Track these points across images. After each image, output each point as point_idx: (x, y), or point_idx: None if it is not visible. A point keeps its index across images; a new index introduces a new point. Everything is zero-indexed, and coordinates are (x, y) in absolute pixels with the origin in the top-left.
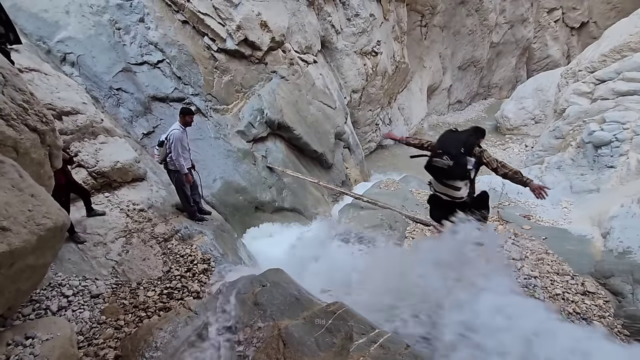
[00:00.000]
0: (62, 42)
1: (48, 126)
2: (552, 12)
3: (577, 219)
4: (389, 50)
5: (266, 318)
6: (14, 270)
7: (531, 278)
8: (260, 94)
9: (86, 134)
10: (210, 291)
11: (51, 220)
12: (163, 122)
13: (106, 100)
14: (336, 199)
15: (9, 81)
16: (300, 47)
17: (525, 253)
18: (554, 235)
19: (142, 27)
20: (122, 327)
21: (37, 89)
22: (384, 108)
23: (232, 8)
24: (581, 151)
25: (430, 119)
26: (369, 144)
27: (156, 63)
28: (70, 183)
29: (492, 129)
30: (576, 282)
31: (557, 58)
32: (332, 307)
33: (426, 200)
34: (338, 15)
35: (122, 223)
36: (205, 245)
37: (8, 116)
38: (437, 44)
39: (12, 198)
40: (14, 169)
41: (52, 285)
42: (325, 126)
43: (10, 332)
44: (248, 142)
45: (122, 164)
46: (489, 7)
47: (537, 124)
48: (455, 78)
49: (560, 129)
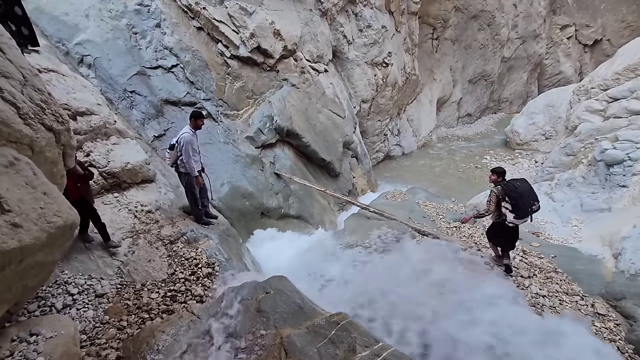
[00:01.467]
0: (80, 44)
1: (63, 126)
2: (565, 29)
3: (587, 238)
4: (399, 61)
5: (269, 325)
6: (23, 266)
7: (539, 297)
8: (271, 100)
9: (99, 134)
10: (214, 296)
11: (61, 218)
12: (174, 125)
13: (120, 102)
14: (342, 208)
15: (28, 81)
16: (312, 56)
17: (534, 271)
18: (563, 253)
19: (158, 32)
20: (124, 328)
21: (55, 89)
22: (392, 119)
23: (247, 16)
24: (593, 169)
25: (439, 131)
26: (377, 154)
27: (170, 67)
28: (84, 203)
29: (502, 144)
30: (586, 302)
31: (569, 75)
32: (336, 317)
33: (492, 231)
34: (350, 26)
35: (129, 224)
36: (211, 249)
37: (26, 115)
38: (448, 57)
39: (25, 195)
40: (29, 166)
41: (58, 283)
42: (334, 135)
43: (15, 328)
44: (257, 148)
45: (133, 165)
46: (501, 22)
47: (548, 140)
48: (466, 91)
49: (572, 146)
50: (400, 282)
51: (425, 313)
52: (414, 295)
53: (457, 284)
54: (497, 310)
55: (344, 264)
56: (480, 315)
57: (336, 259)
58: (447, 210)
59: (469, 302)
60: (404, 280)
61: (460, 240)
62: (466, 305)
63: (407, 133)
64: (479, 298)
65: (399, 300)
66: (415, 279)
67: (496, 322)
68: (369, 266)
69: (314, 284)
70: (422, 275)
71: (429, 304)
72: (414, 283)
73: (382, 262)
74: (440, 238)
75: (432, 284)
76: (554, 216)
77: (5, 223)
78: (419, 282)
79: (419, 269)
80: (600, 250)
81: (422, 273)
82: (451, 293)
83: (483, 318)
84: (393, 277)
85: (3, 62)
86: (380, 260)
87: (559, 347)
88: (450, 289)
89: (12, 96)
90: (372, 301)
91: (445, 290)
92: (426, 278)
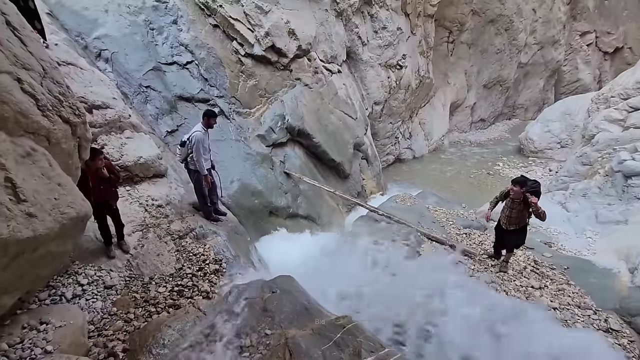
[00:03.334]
0: (98, 38)
1: (80, 118)
2: (585, 36)
3: (602, 250)
4: (414, 64)
5: (274, 325)
6: (36, 256)
7: (550, 309)
8: (283, 100)
9: (114, 128)
10: (220, 293)
11: (75, 209)
12: (187, 121)
13: (135, 96)
14: (350, 210)
15: (48, 73)
16: (326, 56)
17: (545, 282)
18: (576, 265)
19: (175, 29)
20: (131, 321)
21: (73, 82)
22: (405, 122)
23: (262, 15)
24: (609, 180)
25: (451, 135)
26: (387, 157)
27: (185, 64)
28: (106, 205)
29: (515, 151)
30: (599, 317)
31: (587, 82)
32: (342, 320)
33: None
34: (365, 27)
35: (140, 217)
36: (218, 245)
37: (44, 107)
38: (463, 61)
39: (40, 186)
40: (45, 157)
41: (68, 273)
42: (345, 136)
43: (26, 316)
44: (267, 147)
45: (145, 160)
46: (519, 27)
47: (563, 148)
48: (480, 96)
49: (588, 155)
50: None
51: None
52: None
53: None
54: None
55: (350, 265)
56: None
57: (342, 260)
58: (458, 216)
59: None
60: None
61: (470, 247)
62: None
63: (418, 137)
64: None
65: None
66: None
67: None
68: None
69: (320, 284)
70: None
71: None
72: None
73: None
74: (450, 244)
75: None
76: (567, 227)
77: (20, 212)
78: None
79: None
80: (616, 264)
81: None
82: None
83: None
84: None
85: (24, 54)
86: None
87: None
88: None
89: (32, 88)
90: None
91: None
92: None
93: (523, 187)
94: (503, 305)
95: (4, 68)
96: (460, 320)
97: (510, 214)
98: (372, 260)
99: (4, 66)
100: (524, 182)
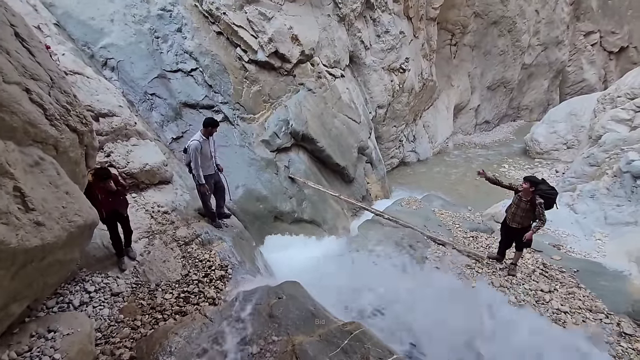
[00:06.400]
0: (104, 48)
1: (87, 127)
2: (589, 36)
3: (612, 252)
4: (417, 67)
5: (280, 332)
6: (44, 264)
7: (561, 313)
8: (287, 105)
9: (120, 135)
10: (226, 299)
11: (82, 217)
12: (192, 127)
13: (140, 104)
14: (356, 214)
15: (55, 83)
16: (329, 61)
17: (555, 285)
18: (586, 268)
19: (179, 37)
20: (138, 328)
21: (79, 91)
22: (408, 125)
23: (266, 21)
24: (618, 181)
25: (456, 138)
26: (392, 160)
27: (190, 71)
28: (117, 214)
29: (521, 152)
30: (611, 321)
31: (592, 82)
32: (349, 326)
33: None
34: (368, 31)
35: (146, 224)
36: (224, 251)
37: (52, 116)
38: (466, 63)
39: (49, 194)
40: (53, 166)
41: (76, 280)
42: (349, 140)
43: (34, 324)
44: (272, 152)
45: (151, 166)
46: (522, 28)
47: (570, 149)
48: (484, 98)
49: (595, 156)
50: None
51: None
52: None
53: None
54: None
55: (357, 270)
56: None
57: (348, 265)
58: (464, 219)
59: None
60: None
61: (477, 249)
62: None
63: (422, 139)
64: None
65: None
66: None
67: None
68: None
69: (326, 289)
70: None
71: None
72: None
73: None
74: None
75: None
76: (576, 229)
77: (29, 221)
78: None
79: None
80: (627, 266)
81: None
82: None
83: None
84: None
85: (33, 64)
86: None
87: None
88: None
89: (40, 97)
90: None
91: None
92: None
93: (533, 187)
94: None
95: (13, 79)
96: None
97: (516, 212)
98: (381, 266)
99: (13, 77)
100: (535, 182)
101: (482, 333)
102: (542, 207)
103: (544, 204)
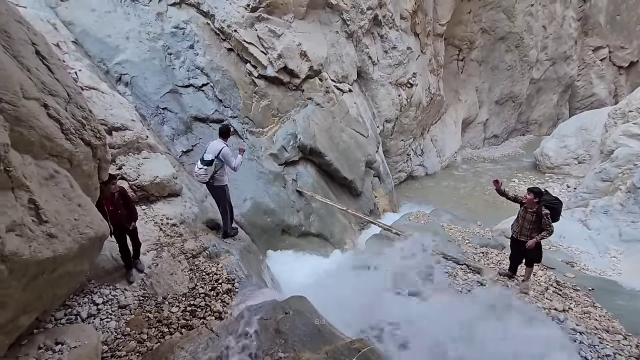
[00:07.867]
0: (119, 64)
1: (100, 141)
2: (598, 51)
3: (628, 270)
4: (424, 82)
5: (287, 348)
6: (55, 275)
7: (576, 333)
8: (295, 119)
9: (131, 148)
10: (233, 313)
11: (93, 230)
12: (202, 141)
13: (152, 118)
14: (363, 228)
15: (72, 99)
16: (337, 76)
17: (569, 304)
18: (601, 286)
19: (191, 53)
20: (144, 341)
21: (94, 106)
22: (416, 139)
23: (275, 38)
24: (632, 196)
25: (464, 152)
26: (399, 174)
27: (201, 86)
28: (124, 227)
29: (531, 167)
30: (629, 343)
31: (602, 97)
32: (357, 344)
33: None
34: (376, 47)
35: (154, 236)
36: (231, 265)
37: (68, 130)
38: (474, 78)
39: (62, 207)
40: (67, 179)
41: (84, 292)
42: (357, 154)
43: (42, 336)
44: (280, 165)
45: (161, 179)
46: (529, 43)
47: (581, 164)
48: (492, 112)
49: (608, 171)
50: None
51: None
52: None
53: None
54: None
55: (365, 286)
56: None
57: (356, 280)
58: (473, 234)
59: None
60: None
61: (488, 267)
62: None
63: (430, 153)
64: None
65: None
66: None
67: None
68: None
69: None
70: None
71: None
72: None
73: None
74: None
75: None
76: (589, 245)
77: (42, 233)
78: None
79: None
80: None
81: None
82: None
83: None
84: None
85: (51, 81)
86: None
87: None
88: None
89: (57, 112)
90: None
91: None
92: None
93: (537, 197)
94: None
95: (33, 95)
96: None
97: (523, 224)
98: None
99: (33, 93)
100: (539, 192)
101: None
102: (548, 217)
103: (549, 215)
